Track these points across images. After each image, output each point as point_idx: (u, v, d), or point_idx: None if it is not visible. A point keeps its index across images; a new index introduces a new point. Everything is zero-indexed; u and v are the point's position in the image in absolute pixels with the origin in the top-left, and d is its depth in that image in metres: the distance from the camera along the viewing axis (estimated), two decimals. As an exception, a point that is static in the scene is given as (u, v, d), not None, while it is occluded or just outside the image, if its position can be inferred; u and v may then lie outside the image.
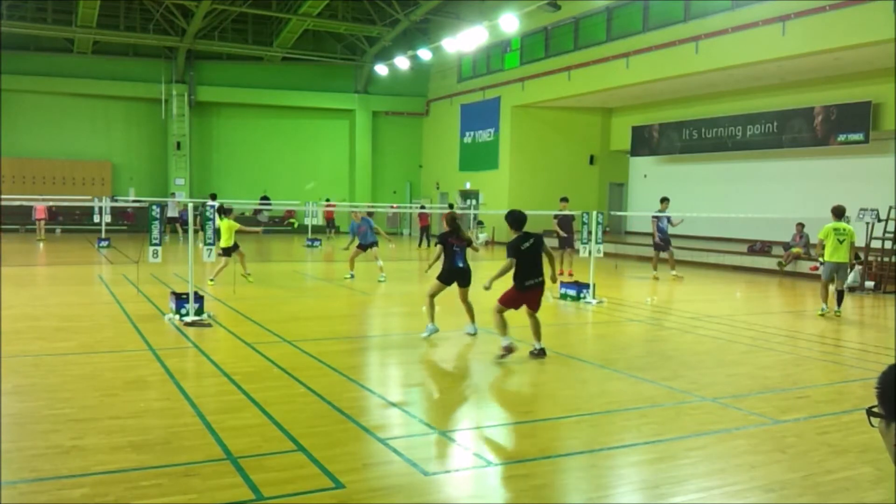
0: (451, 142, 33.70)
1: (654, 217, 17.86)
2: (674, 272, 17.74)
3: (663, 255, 17.74)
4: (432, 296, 9.46)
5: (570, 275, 16.04)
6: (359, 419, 6.01)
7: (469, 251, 9.59)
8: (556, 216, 17.46)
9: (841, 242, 11.93)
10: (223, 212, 14.34)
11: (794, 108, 21.69)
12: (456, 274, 9.42)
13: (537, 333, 8.50)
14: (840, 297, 12.20)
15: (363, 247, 15.74)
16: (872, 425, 1.75)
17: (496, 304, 8.46)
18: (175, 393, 6.65)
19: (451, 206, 27.10)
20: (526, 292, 8.41)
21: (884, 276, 16.02)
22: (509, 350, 8.26)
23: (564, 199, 17.65)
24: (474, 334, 9.55)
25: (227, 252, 14.26)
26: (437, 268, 9.57)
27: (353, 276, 15.81)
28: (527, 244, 8.41)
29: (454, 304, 9.94)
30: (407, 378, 7.97)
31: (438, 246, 9.50)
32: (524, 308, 8.54)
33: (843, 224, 12.06)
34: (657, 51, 22.25)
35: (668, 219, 17.74)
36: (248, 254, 15.40)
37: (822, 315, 12.06)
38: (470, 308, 9.62)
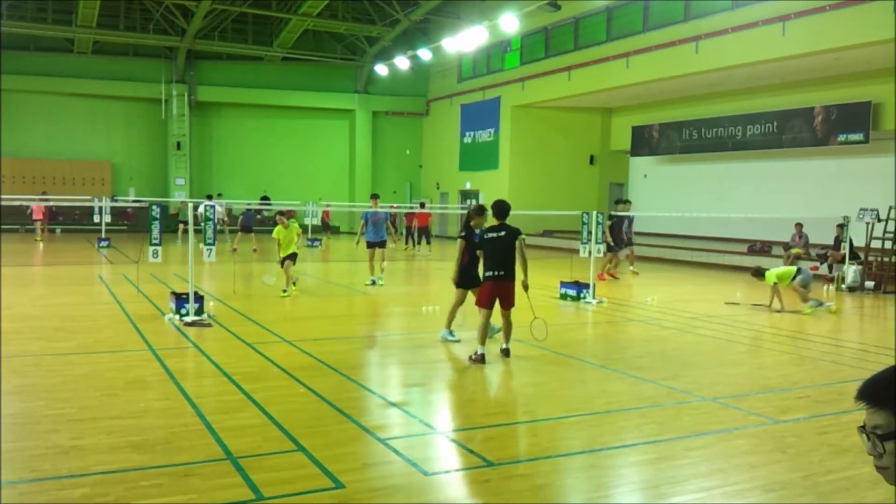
0: (451, 142, 33.70)
1: (619, 217, 17.47)
2: (611, 267, 17.38)
3: (619, 253, 17.28)
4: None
5: (615, 276, 16.10)
6: (359, 419, 6.01)
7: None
8: (611, 216, 17.13)
9: None
10: (283, 214, 13.37)
11: (794, 108, 21.67)
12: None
13: (507, 335, 8.41)
14: None
15: (372, 245, 14.83)
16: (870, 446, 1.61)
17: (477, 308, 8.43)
18: (175, 393, 6.66)
19: (422, 205, 28.11)
20: (489, 283, 8.26)
21: (884, 276, 16.01)
22: (479, 360, 8.07)
23: (621, 202, 17.57)
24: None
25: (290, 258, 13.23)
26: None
27: (382, 274, 15.20)
28: (493, 234, 8.30)
29: (466, 305, 9.90)
30: (407, 378, 7.96)
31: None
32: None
33: None
34: (657, 51, 22.25)
35: (630, 220, 17.63)
36: (250, 254, 15.34)
37: None
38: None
